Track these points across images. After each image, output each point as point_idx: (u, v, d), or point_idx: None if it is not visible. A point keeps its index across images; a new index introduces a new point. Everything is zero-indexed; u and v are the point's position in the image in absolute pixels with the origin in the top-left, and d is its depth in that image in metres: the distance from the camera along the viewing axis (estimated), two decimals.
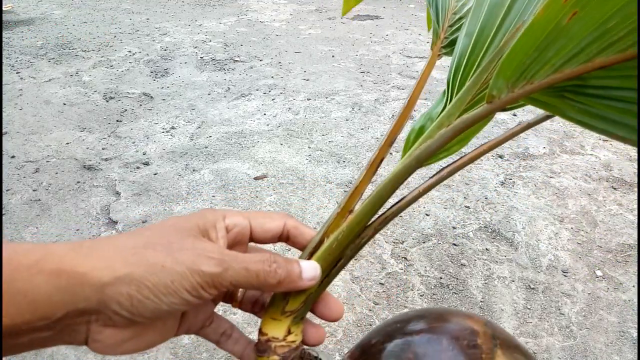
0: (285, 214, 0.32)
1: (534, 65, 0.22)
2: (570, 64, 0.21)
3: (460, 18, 0.38)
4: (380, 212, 0.31)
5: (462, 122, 0.26)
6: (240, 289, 0.33)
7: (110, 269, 0.24)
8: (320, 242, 0.31)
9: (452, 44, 0.37)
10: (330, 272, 0.31)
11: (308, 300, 0.30)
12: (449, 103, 0.31)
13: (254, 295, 0.33)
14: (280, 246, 1.32)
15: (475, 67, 0.31)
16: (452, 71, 0.33)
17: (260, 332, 0.31)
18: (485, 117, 0.25)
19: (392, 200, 0.31)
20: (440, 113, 0.30)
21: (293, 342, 0.31)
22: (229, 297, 0.33)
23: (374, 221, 0.31)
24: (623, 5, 0.19)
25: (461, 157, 0.31)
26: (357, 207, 0.31)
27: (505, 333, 0.36)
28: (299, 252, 0.32)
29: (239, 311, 1.18)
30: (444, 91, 0.33)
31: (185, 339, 1.10)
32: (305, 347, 0.32)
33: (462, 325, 0.35)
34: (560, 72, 0.21)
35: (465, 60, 0.32)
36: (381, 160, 0.32)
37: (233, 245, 0.30)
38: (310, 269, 0.29)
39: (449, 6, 0.39)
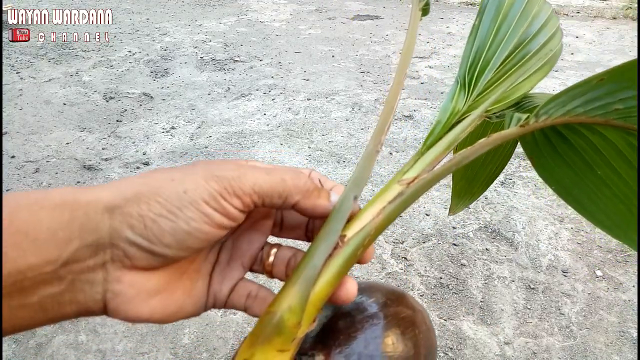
0: (310, 168, 0.29)
1: (554, 108, 0.29)
2: (574, 112, 0.28)
3: None
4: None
5: (500, 137, 0.30)
6: (273, 250, 0.28)
7: (116, 192, 0.21)
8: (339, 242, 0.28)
9: (426, 4, 0.39)
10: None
11: (317, 312, 0.26)
12: (470, 98, 0.34)
13: (286, 255, 0.28)
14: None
15: (487, 68, 0.35)
16: (467, 68, 0.35)
17: None
18: (516, 136, 0.31)
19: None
20: (462, 109, 0.34)
21: None
22: (259, 261, 0.29)
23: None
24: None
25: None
26: (389, 208, 0.28)
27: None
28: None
29: (239, 311, 1.18)
30: (460, 85, 0.35)
31: (185, 338, 1.10)
32: None
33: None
34: (569, 116, 0.29)
35: (479, 60, 0.36)
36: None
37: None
38: (337, 195, 0.27)
39: None
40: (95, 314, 0.22)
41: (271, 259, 0.28)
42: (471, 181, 0.46)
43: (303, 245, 0.30)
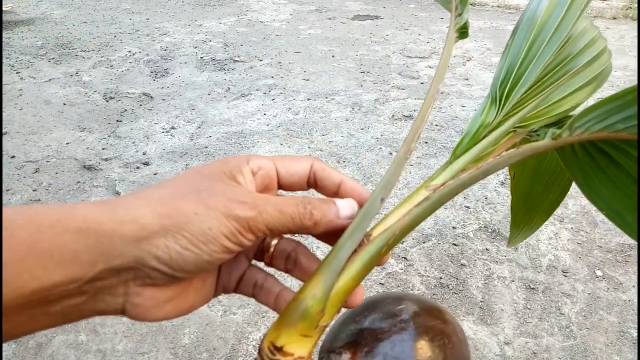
0: (311, 156, 0.30)
1: (590, 122, 0.28)
2: (613, 127, 0.27)
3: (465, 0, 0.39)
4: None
5: (530, 149, 0.29)
6: (273, 242, 0.31)
7: (140, 222, 0.22)
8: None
9: (464, 27, 0.38)
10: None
11: (341, 305, 0.28)
12: (500, 113, 0.34)
13: (285, 249, 0.31)
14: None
15: (519, 84, 0.35)
16: (499, 84, 0.35)
17: (282, 352, 0.26)
18: (547, 149, 0.30)
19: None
20: (492, 123, 0.34)
21: (311, 357, 0.27)
22: (260, 252, 0.31)
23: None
24: None
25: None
26: (415, 211, 0.29)
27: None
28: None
29: (239, 310, 1.18)
30: (491, 99, 0.35)
31: (185, 338, 1.10)
32: None
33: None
34: (608, 131, 0.27)
35: (511, 76, 0.36)
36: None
37: (262, 190, 0.29)
38: (347, 207, 0.28)
39: None
40: (112, 315, 0.24)
41: (271, 250, 0.31)
42: (530, 212, 0.46)
43: (307, 238, 0.31)
